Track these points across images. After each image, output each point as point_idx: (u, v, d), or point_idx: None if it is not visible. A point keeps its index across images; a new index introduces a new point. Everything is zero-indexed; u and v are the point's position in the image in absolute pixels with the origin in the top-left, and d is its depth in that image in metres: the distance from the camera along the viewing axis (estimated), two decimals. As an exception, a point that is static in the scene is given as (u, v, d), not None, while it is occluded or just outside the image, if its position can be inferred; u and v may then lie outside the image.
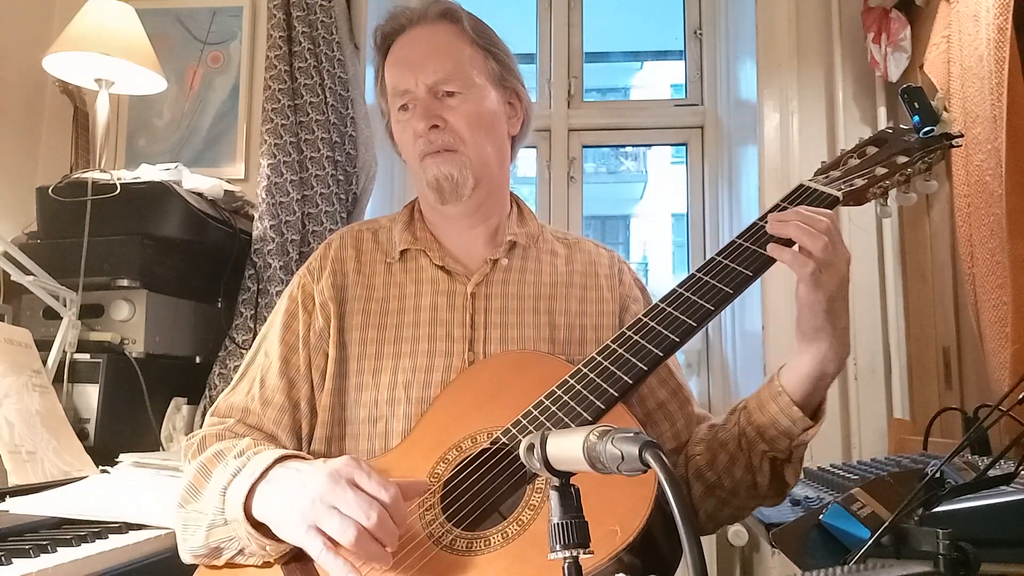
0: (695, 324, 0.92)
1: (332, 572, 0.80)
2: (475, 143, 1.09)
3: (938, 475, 0.82)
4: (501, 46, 1.14)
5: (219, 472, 0.93)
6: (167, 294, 1.82)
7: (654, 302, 0.98)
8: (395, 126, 1.13)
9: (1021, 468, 0.90)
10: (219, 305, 2.02)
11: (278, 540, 0.87)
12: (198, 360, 1.94)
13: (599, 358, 0.95)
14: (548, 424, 0.91)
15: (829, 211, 0.94)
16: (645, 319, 0.96)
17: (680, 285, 0.96)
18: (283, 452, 0.92)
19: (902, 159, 1.02)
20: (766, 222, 0.96)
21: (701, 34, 2.67)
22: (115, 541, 1.07)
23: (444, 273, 1.11)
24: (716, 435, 1.04)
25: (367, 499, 0.81)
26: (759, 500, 1.04)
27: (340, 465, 0.84)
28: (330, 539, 0.80)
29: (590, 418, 0.89)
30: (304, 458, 0.92)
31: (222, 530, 0.90)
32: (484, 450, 0.93)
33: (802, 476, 1.47)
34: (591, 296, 1.15)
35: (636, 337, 0.95)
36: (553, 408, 0.92)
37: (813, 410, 0.96)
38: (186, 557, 0.95)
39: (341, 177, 2.14)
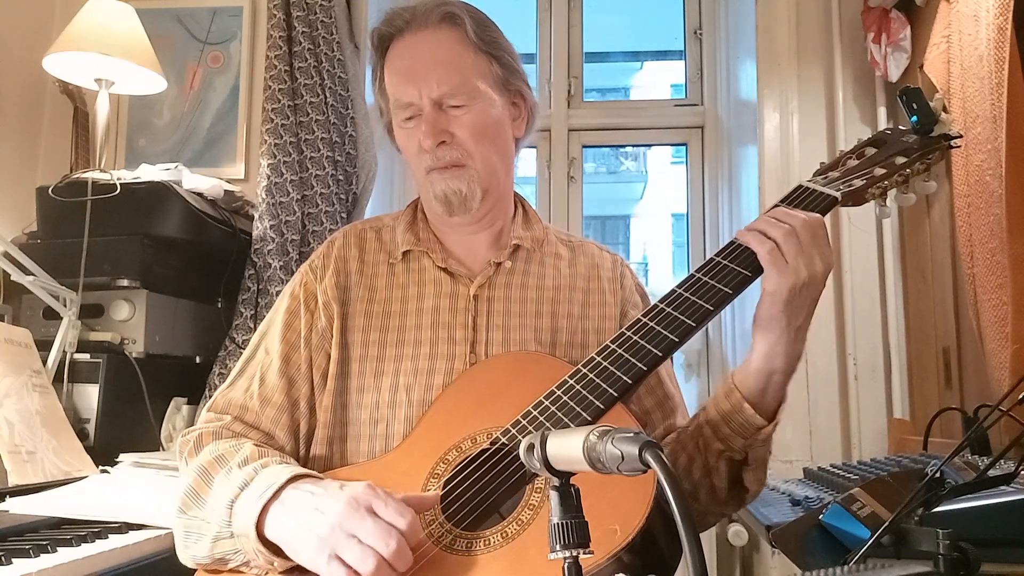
0: (694, 324, 0.92)
1: None
2: (482, 155, 1.07)
3: (938, 475, 0.82)
4: (504, 46, 1.11)
5: (222, 480, 0.92)
6: (167, 294, 1.82)
7: (653, 302, 0.98)
8: (398, 131, 1.12)
9: (1021, 468, 0.90)
10: (219, 305, 2.02)
11: (287, 557, 0.87)
12: (198, 360, 1.94)
13: (598, 358, 0.95)
14: (547, 424, 0.91)
15: (815, 217, 0.94)
16: (644, 319, 0.96)
17: (679, 286, 0.96)
18: (294, 471, 0.90)
19: (900, 160, 1.02)
20: None
21: (701, 34, 2.67)
22: (115, 541, 1.07)
23: (447, 275, 1.11)
24: (678, 437, 1.04)
25: (386, 527, 0.81)
26: (720, 506, 1.03)
27: (359, 492, 0.84)
28: (352, 569, 0.80)
29: (589, 418, 0.89)
30: (316, 477, 0.92)
31: (228, 543, 0.89)
32: (484, 450, 0.92)
33: (802, 476, 1.47)
34: (593, 300, 1.14)
35: (635, 337, 0.94)
36: (552, 408, 0.92)
37: (771, 412, 0.94)
38: (187, 562, 0.95)
39: (341, 177, 2.15)
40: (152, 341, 1.75)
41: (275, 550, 0.87)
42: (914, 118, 1.04)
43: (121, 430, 1.67)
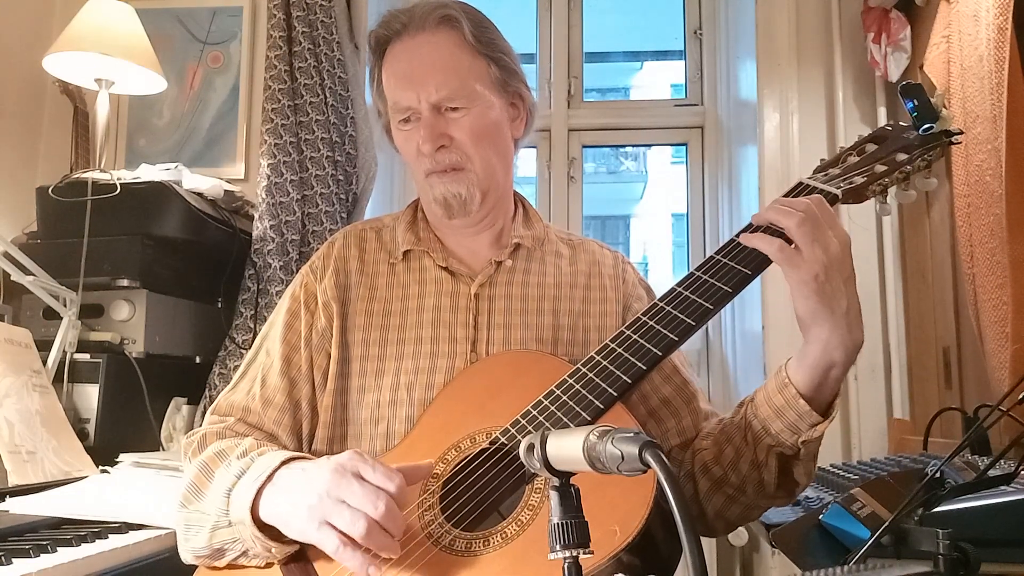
0: (694, 323, 0.92)
1: (352, 567, 0.81)
2: (481, 157, 1.07)
3: (938, 475, 0.82)
4: (502, 47, 1.11)
5: (222, 472, 0.93)
6: (167, 294, 1.82)
7: (653, 300, 0.98)
8: (396, 134, 1.12)
9: (1021, 468, 0.90)
10: (219, 305, 2.02)
11: (283, 542, 0.87)
12: (198, 360, 1.94)
13: (598, 357, 0.94)
14: (547, 424, 0.90)
15: (815, 196, 0.93)
16: (644, 318, 0.96)
17: (679, 284, 0.96)
18: (288, 454, 0.92)
19: (901, 156, 1.02)
20: None
21: (701, 34, 2.67)
22: (115, 541, 1.07)
23: (447, 274, 1.11)
24: (723, 429, 1.01)
25: (374, 490, 0.81)
26: (768, 499, 1.00)
27: (344, 459, 0.85)
28: (344, 534, 0.80)
29: (589, 418, 0.89)
30: (308, 458, 0.92)
31: (226, 532, 0.90)
32: (483, 450, 0.92)
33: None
34: (595, 297, 1.14)
35: (635, 336, 0.94)
36: (552, 408, 0.92)
37: (824, 406, 0.91)
38: (187, 557, 0.95)
39: (341, 177, 2.15)
40: (152, 341, 1.75)
41: (272, 535, 0.87)
42: (915, 114, 1.03)
43: (121, 430, 1.67)
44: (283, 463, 0.89)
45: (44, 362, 1.59)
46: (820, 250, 0.87)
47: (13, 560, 0.92)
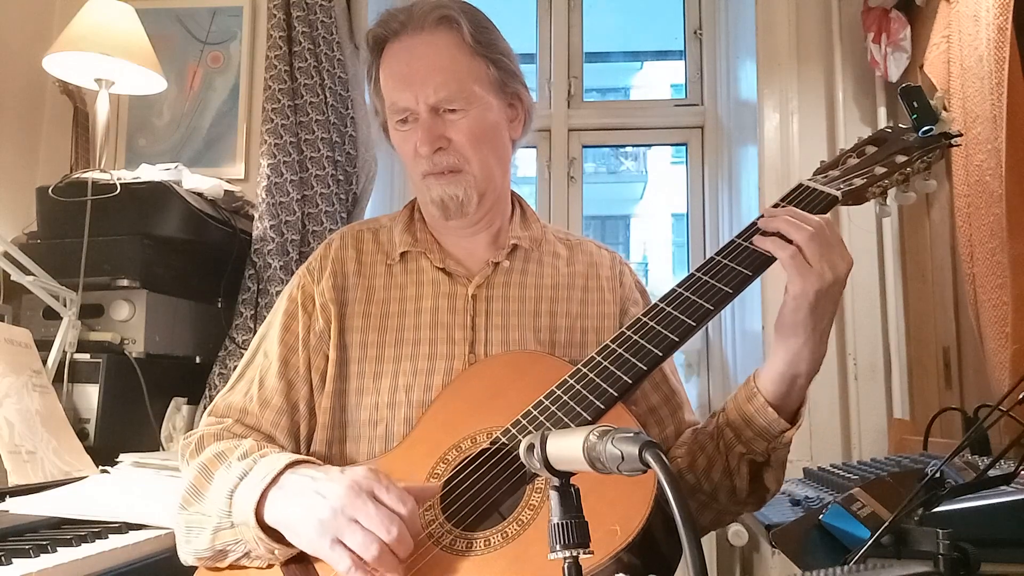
0: (694, 324, 0.92)
1: None
2: (479, 159, 1.07)
3: (938, 475, 0.82)
4: (501, 47, 1.10)
5: (222, 474, 0.93)
6: (167, 294, 1.82)
7: (653, 302, 0.98)
8: (393, 134, 1.11)
9: (1021, 468, 0.90)
10: (219, 305, 2.02)
11: (287, 544, 0.87)
12: (198, 360, 1.94)
13: (598, 358, 0.95)
14: (547, 424, 0.90)
15: (825, 218, 0.94)
16: (644, 319, 0.96)
17: (679, 285, 0.96)
18: (292, 457, 0.91)
19: (901, 158, 1.02)
20: None
21: (701, 34, 2.67)
22: (115, 541, 1.07)
23: (445, 275, 1.11)
24: (696, 438, 1.03)
25: (387, 513, 0.81)
26: (739, 505, 1.03)
27: (360, 476, 0.84)
28: (354, 553, 0.80)
29: (589, 418, 0.89)
30: (314, 463, 0.92)
31: (228, 533, 0.89)
32: (484, 450, 0.92)
33: (802, 476, 1.47)
34: (592, 298, 1.14)
35: (635, 337, 0.94)
36: (552, 408, 0.92)
37: (791, 413, 0.94)
38: (188, 559, 0.95)
39: (341, 177, 2.15)
40: (152, 341, 1.75)
41: (275, 537, 0.87)
42: (914, 116, 1.04)
43: (121, 430, 1.67)
44: (288, 466, 0.89)
45: (44, 362, 1.59)
46: (828, 267, 0.89)
47: (13, 560, 0.92)
